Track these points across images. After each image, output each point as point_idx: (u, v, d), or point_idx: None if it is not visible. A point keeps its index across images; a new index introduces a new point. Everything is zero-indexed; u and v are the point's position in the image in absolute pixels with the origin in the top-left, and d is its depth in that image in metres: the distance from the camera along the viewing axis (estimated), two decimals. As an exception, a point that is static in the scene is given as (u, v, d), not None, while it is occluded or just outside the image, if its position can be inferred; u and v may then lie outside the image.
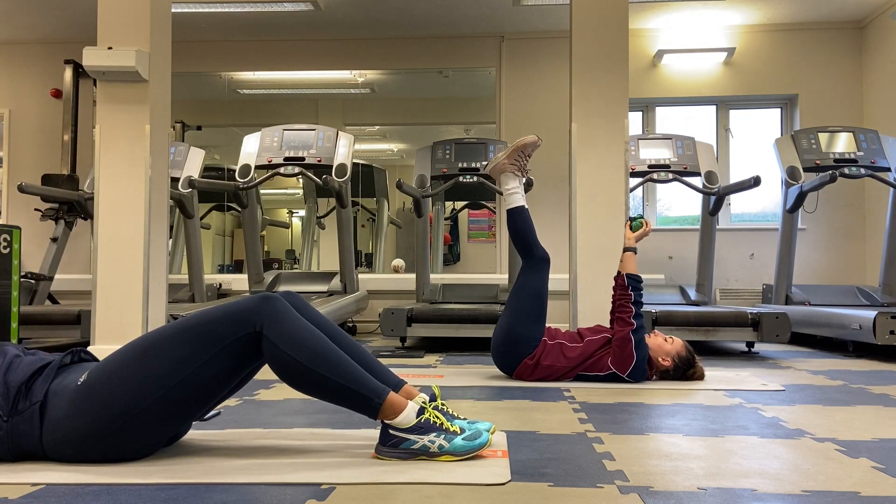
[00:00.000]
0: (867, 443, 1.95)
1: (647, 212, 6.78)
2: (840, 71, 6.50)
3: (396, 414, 1.67)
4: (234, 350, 1.65)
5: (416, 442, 1.68)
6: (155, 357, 1.63)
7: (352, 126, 7.47)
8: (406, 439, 1.68)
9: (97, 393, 1.62)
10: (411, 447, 1.68)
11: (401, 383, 1.86)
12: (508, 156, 3.20)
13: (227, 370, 1.67)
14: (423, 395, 1.81)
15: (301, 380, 1.66)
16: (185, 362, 1.62)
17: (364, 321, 5.77)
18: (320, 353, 1.65)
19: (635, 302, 3.00)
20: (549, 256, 3.16)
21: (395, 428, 1.68)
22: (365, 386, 1.67)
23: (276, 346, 1.63)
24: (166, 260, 4.14)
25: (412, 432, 1.68)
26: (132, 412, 1.61)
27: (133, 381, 1.61)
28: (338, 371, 1.65)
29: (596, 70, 4.05)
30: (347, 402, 1.68)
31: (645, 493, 1.47)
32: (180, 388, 1.62)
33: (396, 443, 1.69)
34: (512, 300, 3.12)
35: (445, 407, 1.86)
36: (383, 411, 1.67)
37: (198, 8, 6.03)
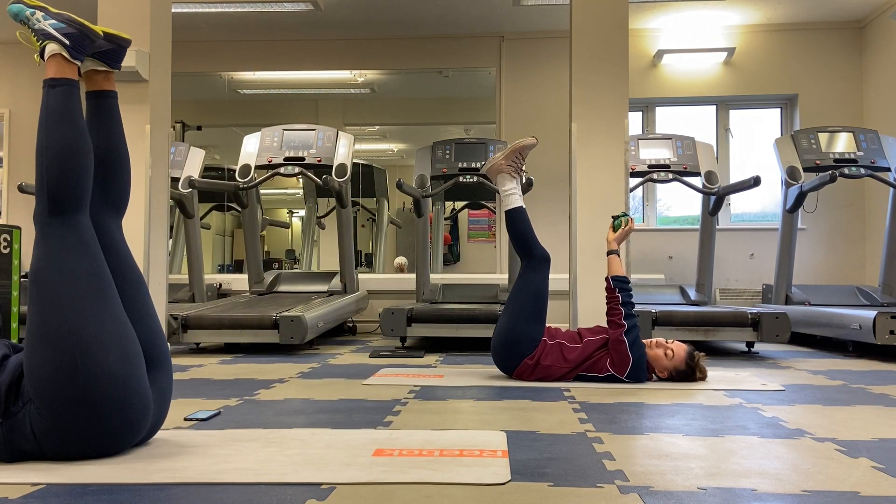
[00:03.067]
0: (867, 443, 1.95)
1: (647, 212, 6.78)
2: (840, 71, 6.50)
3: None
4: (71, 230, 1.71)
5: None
6: (48, 291, 1.67)
7: (352, 126, 7.47)
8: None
9: (45, 365, 1.63)
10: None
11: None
12: (506, 157, 3.20)
13: (84, 248, 1.72)
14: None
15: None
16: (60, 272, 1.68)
17: (364, 321, 5.77)
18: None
19: (624, 303, 2.99)
20: (550, 256, 3.16)
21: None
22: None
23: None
24: (166, 260, 4.14)
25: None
26: (82, 350, 1.62)
27: (54, 326, 1.64)
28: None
29: (596, 70, 4.05)
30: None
31: (645, 493, 1.47)
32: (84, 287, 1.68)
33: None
34: (512, 300, 3.12)
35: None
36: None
37: (198, 8, 6.03)
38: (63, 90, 1.76)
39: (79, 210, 1.74)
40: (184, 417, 2.22)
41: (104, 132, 1.89)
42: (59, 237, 1.71)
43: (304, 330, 4.03)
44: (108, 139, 1.89)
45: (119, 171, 1.91)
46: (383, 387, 2.90)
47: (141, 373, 1.72)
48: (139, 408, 1.71)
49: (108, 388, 1.64)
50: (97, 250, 1.75)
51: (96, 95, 1.91)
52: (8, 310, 3.02)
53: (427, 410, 2.40)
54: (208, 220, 7.17)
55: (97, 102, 1.91)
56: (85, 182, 1.76)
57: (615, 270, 3.10)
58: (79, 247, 1.72)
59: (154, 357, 1.80)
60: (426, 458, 1.73)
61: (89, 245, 1.74)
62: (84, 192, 1.76)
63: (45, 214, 1.72)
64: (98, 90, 1.91)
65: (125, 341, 1.70)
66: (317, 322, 4.28)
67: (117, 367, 1.66)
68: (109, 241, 1.82)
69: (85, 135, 1.78)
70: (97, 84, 1.91)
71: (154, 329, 1.84)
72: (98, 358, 1.64)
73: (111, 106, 1.92)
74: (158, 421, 1.84)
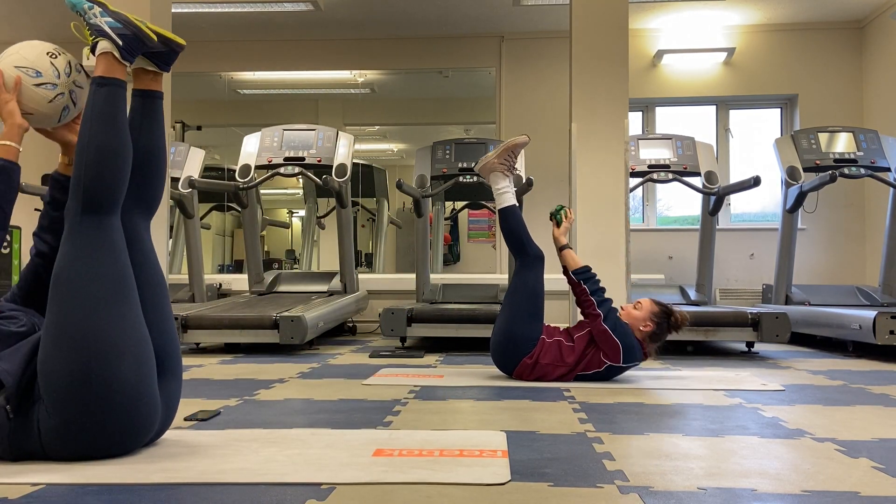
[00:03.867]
0: (867, 443, 1.95)
1: (647, 212, 6.78)
2: (840, 71, 6.50)
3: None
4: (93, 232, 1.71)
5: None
6: (72, 294, 1.66)
7: (352, 126, 7.47)
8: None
9: (59, 366, 1.63)
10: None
11: None
12: (499, 155, 3.20)
13: (111, 251, 1.72)
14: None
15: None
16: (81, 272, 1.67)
17: (364, 321, 5.77)
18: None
19: (593, 292, 2.99)
20: (544, 254, 3.16)
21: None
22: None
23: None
24: (166, 260, 4.14)
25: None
26: (97, 356, 1.62)
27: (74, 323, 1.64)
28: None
29: (596, 70, 4.05)
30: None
31: (645, 493, 1.47)
32: (106, 285, 1.67)
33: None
34: (508, 300, 3.12)
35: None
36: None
37: (198, 8, 6.03)
38: (110, 90, 1.76)
39: (111, 211, 1.75)
40: (184, 417, 2.22)
41: (146, 132, 1.89)
42: (89, 237, 1.71)
43: (304, 330, 4.03)
44: (149, 139, 1.89)
45: (156, 172, 1.92)
46: (383, 387, 2.90)
47: (152, 380, 1.72)
48: (147, 414, 1.72)
49: (119, 395, 1.64)
50: (124, 253, 1.75)
51: (142, 94, 1.91)
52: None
53: (427, 410, 2.40)
54: (208, 220, 7.17)
55: (143, 102, 1.91)
56: (121, 184, 1.76)
57: (573, 264, 3.10)
58: (107, 248, 1.72)
59: (167, 363, 1.80)
60: (426, 458, 1.73)
61: (117, 247, 1.74)
62: (119, 194, 1.76)
63: (77, 212, 1.71)
64: (145, 89, 1.91)
65: (140, 348, 1.70)
66: (317, 322, 4.27)
67: (130, 373, 1.66)
68: (137, 242, 1.82)
69: (127, 137, 1.78)
70: (145, 83, 1.91)
71: (170, 335, 1.83)
72: (112, 364, 1.64)
73: (156, 107, 1.93)
74: (164, 426, 1.84)
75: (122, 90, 1.80)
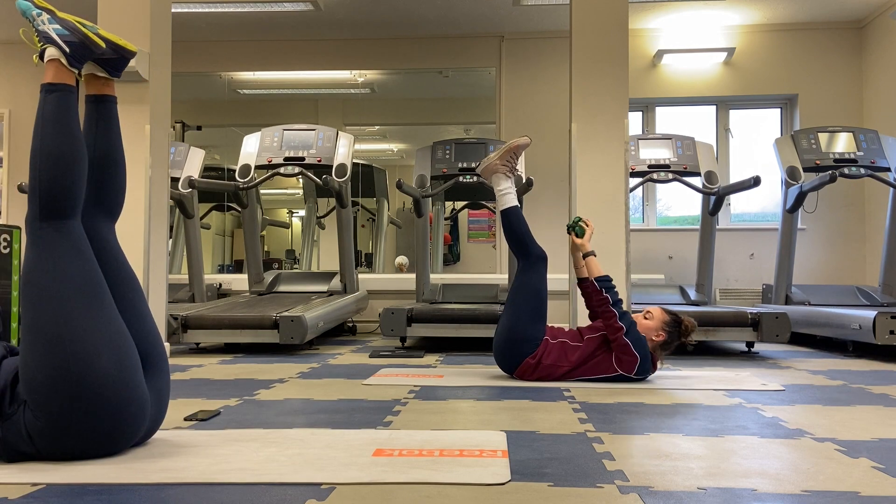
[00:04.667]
0: (867, 443, 1.95)
1: (647, 212, 6.78)
2: (840, 71, 6.50)
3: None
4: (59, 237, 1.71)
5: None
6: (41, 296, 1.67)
7: (352, 126, 7.47)
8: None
9: (39, 368, 1.63)
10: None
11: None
12: (501, 157, 3.21)
13: (74, 253, 1.72)
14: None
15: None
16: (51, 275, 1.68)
17: (364, 321, 5.77)
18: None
19: (614, 303, 2.99)
20: (546, 255, 3.16)
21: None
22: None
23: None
24: (166, 260, 4.14)
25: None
26: (74, 354, 1.62)
27: (48, 328, 1.64)
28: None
29: (596, 70, 4.05)
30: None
31: (645, 493, 1.47)
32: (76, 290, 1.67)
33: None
34: (511, 300, 3.12)
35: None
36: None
37: (198, 8, 6.03)
38: (59, 96, 1.76)
39: (70, 216, 1.74)
40: (184, 417, 2.22)
41: (101, 137, 1.88)
42: (50, 242, 1.70)
43: (304, 330, 4.03)
44: (105, 144, 1.88)
45: (114, 176, 1.90)
46: (383, 387, 2.90)
47: (136, 374, 1.72)
48: (135, 409, 1.71)
49: (103, 391, 1.64)
50: (89, 254, 1.75)
51: (95, 100, 1.90)
52: (8, 310, 3.02)
53: (427, 410, 2.40)
54: (208, 220, 7.16)
55: (96, 107, 1.90)
56: (77, 188, 1.75)
57: (596, 272, 3.10)
58: (70, 251, 1.71)
59: (150, 358, 1.80)
60: (426, 458, 1.73)
61: (81, 249, 1.73)
62: (76, 198, 1.75)
63: (36, 219, 1.71)
64: (97, 94, 1.91)
65: (119, 343, 1.70)
66: (317, 322, 4.28)
67: (111, 369, 1.66)
68: (103, 245, 1.82)
69: (79, 141, 1.77)
70: (97, 88, 1.91)
71: (150, 330, 1.83)
72: (91, 361, 1.64)
73: (110, 111, 1.92)
74: (157, 422, 1.84)
75: (72, 95, 1.78)
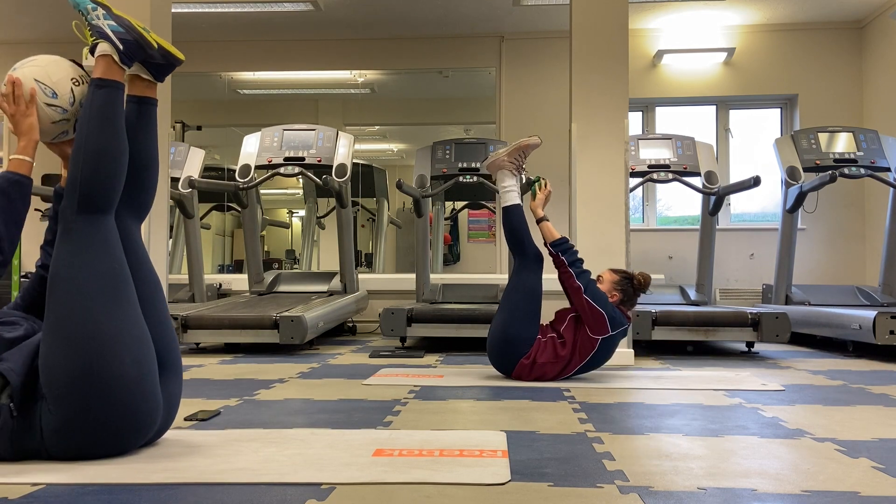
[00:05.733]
0: (867, 443, 1.95)
1: (647, 212, 6.78)
2: (840, 71, 6.50)
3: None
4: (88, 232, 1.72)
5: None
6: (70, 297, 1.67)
7: (352, 126, 7.47)
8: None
9: (60, 364, 1.63)
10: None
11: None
12: (509, 154, 3.22)
13: (106, 249, 1.73)
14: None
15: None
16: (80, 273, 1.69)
17: (364, 321, 5.77)
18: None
19: (570, 263, 3.02)
20: (543, 255, 3.16)
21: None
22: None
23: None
24: (166, 260, 4.14)
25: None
26: (98, 353, 1.63)
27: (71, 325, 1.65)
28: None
29: (596, 70, 4.05)
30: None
31: (645, 493, 1.47)
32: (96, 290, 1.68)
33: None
34: (506, 299, 3.12)
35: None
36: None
37: (198, 8, 6.02)
38: (109, 91, 1.78)
39: (106, 211, 1.76)
40: (184, 417, 2.22)
41: (140, 138, 1.89)
42: (84, 235, 1.71)
43: (304, 330, 4.03)
44: (143, 145, 1.90)
45: (149, 177, 1.93)
46: (383, 387, 2.90)
47: (153, 377, 1.73)
48: (148, 412, 1.72)
49: (121, 392, 1.65)
50: (120, 252, 1.76)
51: (138, 101, 1.92)
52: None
53: (427, 410, 2.40)
54: (208, 220, 7.16)
55: (138, 108, 1.92)
56: (117, 184, 1.78)
57: (550, 236, 3.12)
58: (102, 247, 1.73)
59: (166, 361, 1.80)
60: (426, 458, 1.73)
61: (113, 246, 1.75)
62: (114, 194, 1.77)
63: (73, 211, 1.72)
64: (140, 96, 1.92)
65: (141, 345, 1.71)
66: (317, 322, 4.27)
67: (131, 370, 1.66)
68: (131, 244, 1.83)
69: (123, 139, 1.79)
70: (140, 90, 1.92)
71: (168, 333, 1.84)
72: (113, 361, 1.64)
73: (150, 113, 1.94)
74: (165, 424, 1.84)
75: (121, 92, 1.81)
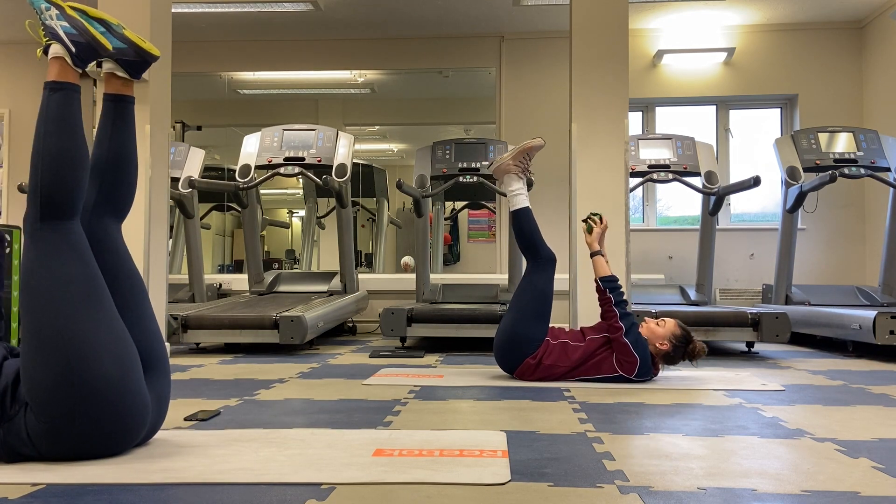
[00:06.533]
0: (867, 443, 1.95)
1: (647, 212, 6.77)
2: (840, 71, 6.50)
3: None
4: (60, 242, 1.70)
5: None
6: (42, 301, 1.66)
7: (352, 126, 7.47)
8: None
9: (40, 370, 1.62)
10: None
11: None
12: (514, 157, 3.21)
13: (74, 254, 1.71)
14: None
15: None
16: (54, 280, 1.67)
17: (364, 321, 5.77)
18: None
19: (617, 303, 2.98)
20: (556, 256, 3.17)
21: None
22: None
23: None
24: (166, 260, 4.14)
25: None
26: (76, 356, 1.62)
27: (52, 333, 1.63)
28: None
29: (596, 70, 4.05)
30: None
31: (645, 493, 1.47)
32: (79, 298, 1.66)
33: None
34: (516, 299, 3.12)
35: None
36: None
37: (198, 8, 6.03)
38: (63, 95, 1.74)
39: (70, 216, 1.72)
40: (184, 417, 2.22)
41: (116, 137, 1.88)
42: (50, 242, 1.69)
43: (304, 330, 4.03)
44: (119, 144, 1.88)
45: (126, 176, 1.90)
46: (383, 387, 2.90)
47: (137, 376, 1.72)
48: (136, 411, 1.71)
49: (104, 393, 1.64)
50: (89, 256, 1.74)
51: (113, 99, 1.90)
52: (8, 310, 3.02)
53: (427, 410, 2.40)
54: (208, 220, 7.16)
55: (113, 106, 1.89)
56: (79, 189, 1.74)
57: (602, 272, 3.10)
58: (69, 252, 1.70)
59: (152, 360, 1.80)
60: (426, 458, 1.73)
61: (80, 251, 1.72)
62: (77, 199, 1.74)
63: (35, 219, 1.70)
64: (116, 94, 1.90)
65: (120, 345, 1.70)
66: (317, 322, 4.28)
67: (113, 371, 1.65)
68: (108, 245, 1.81)
69: (82, 142, 1.75)
70: (116, 88, 1.90)
71: (152, 332, 1.83)
72: (93, 363, 1.63)
73: (127, 111, 1.91)
74: (157, 423, 1.84)
75: (76, 94, 1.76)
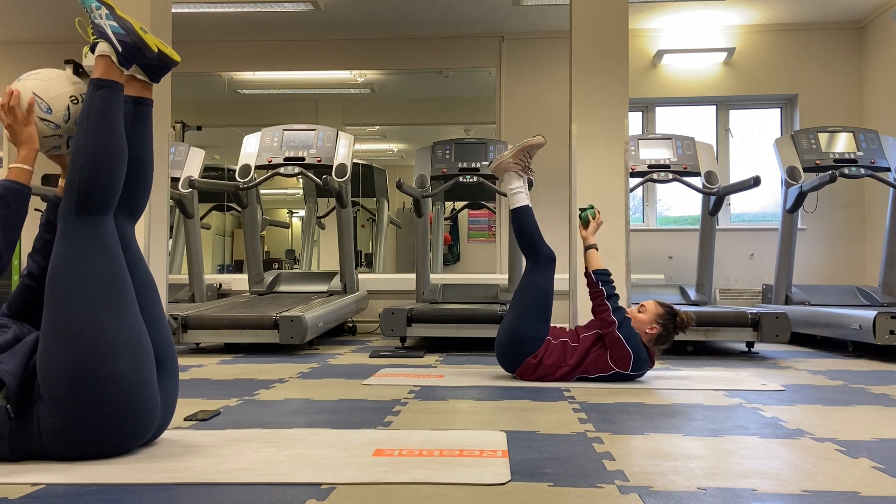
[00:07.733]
0: (867, 443, 1.95)
1: (647, 212, 6.77)
2: (840, 71, 6.49)
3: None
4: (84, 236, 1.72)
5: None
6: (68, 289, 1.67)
7: (352, 126, 7.46)
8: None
9: (58, 366, 1.63)
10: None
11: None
12: (514, 155, 3.21)
13: (105, 250, 1.73)
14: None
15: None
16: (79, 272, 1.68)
17: (364, 321, 5.77)
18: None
19: (609, 296, 2.99)
20: (556, 255, 3.17)
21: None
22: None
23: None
24: (166, 260, 4.14)
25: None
26: (96, 354, 1.63)
27: (70, 327, 1.64)
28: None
29: (596, 70, 4.05)
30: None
31: (645, 493, 1.47)
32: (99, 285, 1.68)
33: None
34: (517, 299, 3.12)
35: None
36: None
37: (198, 8, 6.02)
38: (107, 92, 1.78)
39: (105, 212, 1.76)
40: (184, 417, 2.22)
41: (135, 138, 1.90)
42: (83, 236, 1.71)
43: (304, 330, 4.03)
44: (138, 145, 1.90)
45: (143, 177, 1.94)
46: (383, 387, 2.90)
47: (151, 378, 1.73)
48: (146, 412, 1.72)
49: (119, 393, 1.65)
50: (118, 253, 1.76)
51: (133, 101, 1.93)
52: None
53: (427, 410, 2.40)
54: (208, 220, 7.16)
55: (133, 108, 1.92)
56: (116, 185, 1.78)
57: (595, 264, 3.11)
58: (101, 248, 1.72)
59: (163, 362, 1.81)
60: (426, 458, 1.73)
61: (111, 247, 1.74)
62: (113, 195, 1.77)
63: (71, 212, 1.72)
64: (136, 97, 1.93)
65: (139, 346, 1.71)
66: (317, 322, 4.27)
67: (129, 372, 1.67)
68: (125, 244, 1.83)
69: (122, 139, 1.80)
70: (136, 90, 1.93)
71: (164, 334, 1.85)
72: (111, 363, 1.64)
73: (146, 114, 1.96)
74: (164, 424, 1.85)
75: (119, 93, 1.81)
